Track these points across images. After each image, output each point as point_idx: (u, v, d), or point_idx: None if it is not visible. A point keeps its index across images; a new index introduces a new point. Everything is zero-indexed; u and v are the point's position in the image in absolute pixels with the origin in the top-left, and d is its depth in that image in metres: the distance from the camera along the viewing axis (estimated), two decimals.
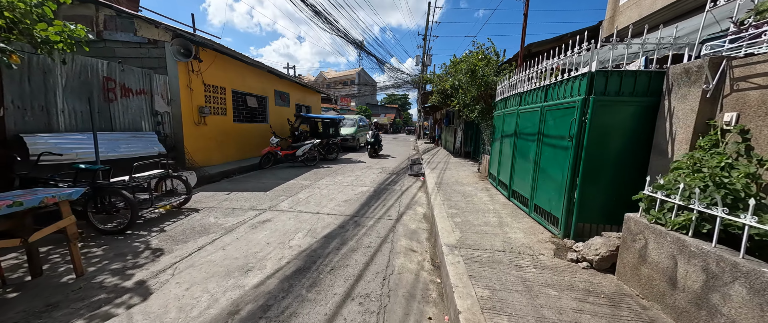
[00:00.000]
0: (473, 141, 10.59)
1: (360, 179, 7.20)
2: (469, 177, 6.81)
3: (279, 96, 11.26)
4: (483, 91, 6.65)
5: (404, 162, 10.49)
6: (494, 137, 5.98)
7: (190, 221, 4.00)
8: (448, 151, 13.23)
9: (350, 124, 14.51)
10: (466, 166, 8.70)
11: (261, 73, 9.90)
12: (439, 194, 5.19)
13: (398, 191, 6.10)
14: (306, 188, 6.01)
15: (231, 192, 5.57)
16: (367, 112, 35.79)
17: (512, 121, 4.74)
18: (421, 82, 23.56)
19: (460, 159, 10.29)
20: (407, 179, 7.49)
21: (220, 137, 8.01)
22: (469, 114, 7.12)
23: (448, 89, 7.55)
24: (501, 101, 5.69)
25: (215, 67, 7.72)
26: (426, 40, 23.38)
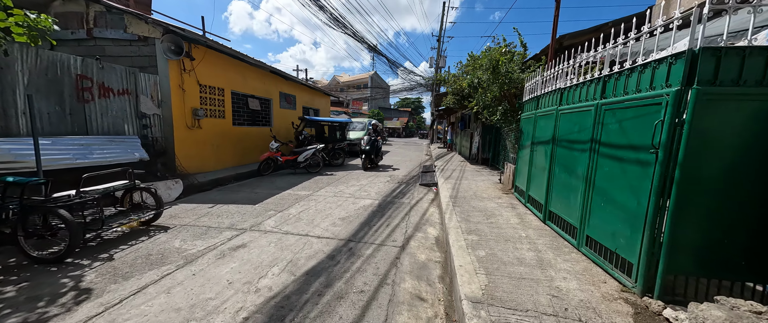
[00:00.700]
0: (492, 147, 9.53)
1: (364, 189, 6.35)
2: (489, 189, 5.82)
3: (284, 98, 10.65)
4: (507, 90, 5.67)
5: (415, 170, 9.57)
6: (522, 143, 4.98)
7: (151, 244, 3.27)
8: (464, 157, 12.19)
9: (359, 128, 13.75)
10: (484, 175, 7.68)
11: (264, 74, 9.30)
12: (454, 211, 4.25)
13: (406, 205, 5.20)
14: (301, 201, 5.22)
15: (215, 205, 4.86)
16: (379, 115, 35.07)
17: (548, 124, 3.77)
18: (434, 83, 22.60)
19: (477, 167, 9.26)
20: (418, 189, 6.58)
21: (218, 141, 7.39)
22: (489, 117, 6.14)
23: (465, 88, 6.58)
24: (531, 100, 4.71)
25: (212, 66, 7.13)
26: (440, 41, 22.44)
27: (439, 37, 22.37)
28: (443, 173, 7.98)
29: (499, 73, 5.56)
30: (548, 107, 3.87)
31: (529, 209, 4.30)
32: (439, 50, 22.45)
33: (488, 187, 6.08)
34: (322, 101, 14.30)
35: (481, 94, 5.88)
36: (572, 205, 3.04)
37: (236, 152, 8.09)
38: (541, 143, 4.03)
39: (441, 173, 7.98)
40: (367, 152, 8.42)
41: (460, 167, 9.23)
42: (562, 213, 3.26)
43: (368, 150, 8.43)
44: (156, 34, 5.86)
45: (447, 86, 9.58)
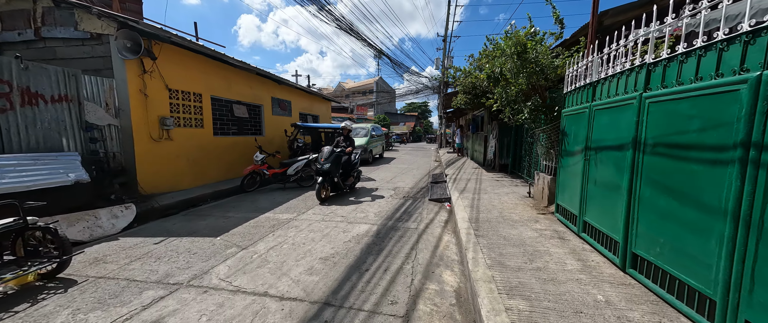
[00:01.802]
0: (511, 151, 8.18)
1: (362, 208, 5.12)
2: (518, 207, 4.51)
3: (278, 104, 9.61)
4: (536, 81, 4.39)
5: (423, 179, 8.29)
6: (566, 148, 3.68)
7: (23, 319, 2.12)
8: (477, 163, 10.84)
9: (362, 133, 12.59)
10: (506, 186, 6.35)
11: (253, 78, 8.28)
12: (479, 245, 2.99)
13: (413, 231, 3.95)
14: (279, 228, 4.04)
15: (167, 238, 3.73)
16: (385, 121, 33.97)
17: (620, 121, 2.48)
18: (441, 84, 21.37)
19: (494, 175, 7.92)
20: (427, 206, 5.32)
21: (195, 154, 6.33)
22: (514, 116, 4.85)
23: (482, 81, 5.30)
24: (580, 90, 3.42)
25: (186, 69, 6.11)
26: (446, 41, 21.26)
27: (444, 37, 21.20)
28: (456, 183, 6.69)
29: (527, 60, 4.29)
30: (619, 95, 2.59)
31: (588, 243, 2.98)
32: (445, 50, 21.26)
33: (516, 203, 4.77)
34: (321, 106, 13.26)
35: (503, 87, 4.60)
36: (697, 254, 1.74)
37: (220, 166, 7.02)
38: (605, 148, 2.74)
39: (454, 183, 6.70)
40: (325, 172, 5.27)
41: (475, 175, 7.91)
42: (671, 265, 1.95)
43: (328, 170, 5.24)
44: (110, 30, 4.86)
45: (457, 84, 8.33)
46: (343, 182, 5.75)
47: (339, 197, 5.95)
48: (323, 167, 5.28)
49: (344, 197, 6.02)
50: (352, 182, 5.98)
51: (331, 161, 5.30)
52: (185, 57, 6.07)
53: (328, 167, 5.28)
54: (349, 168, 5.85)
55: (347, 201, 5.63)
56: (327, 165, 5.28)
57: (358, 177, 6.38)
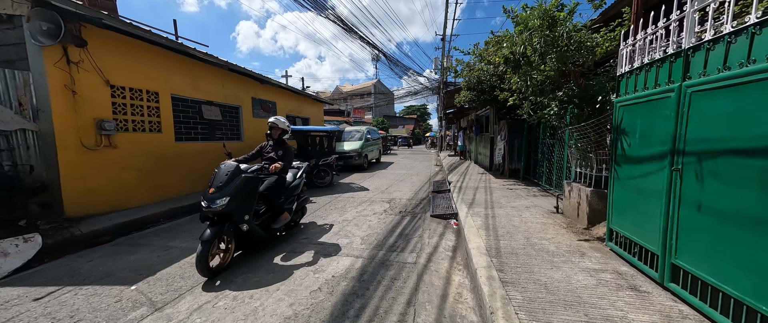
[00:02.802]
0: (523, 154, 7.08)
1: (346, 231, 4.00)
2: (548, 229, 3.39)
3: (259, 105, 8.52)
4: (573, 62, 3.28)
5: (424, 188, 7.17)
6: (625, 152, 2.57)
7: None
8: (483, 167, 9.74)
9: (356, 137, 11.50)
10: (523, 197, 5.23)
11: (228, 75, 7.19)
12: (512, 307, 1.87)
13: (411, 269, 2.83)
14: (220, 273, 2.91)
15: (63, 287, 2.61)
16: (383, 124, 32.92)
17: (757, 108, 1.37)
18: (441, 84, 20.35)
19: (505, 182, 6.81)
20: (428, 224, 4.20)
21: (150, 163, 5.23)
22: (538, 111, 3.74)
23: (498, 65, 4.17)
24: (647, 68, 2.32)
25: (136, 61, 5.02)
26: (445, 40, 20.27)
27: (443, 37, 20.21)
28: (463, 193, 5.57)
29: (558, 37, 3.19)
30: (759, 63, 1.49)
31: (686, 301, 1.86)
32: (443, 50, 20.26)
33: (543, 222, 3.65)
34: (312, 108, 12.18)
35: (525, 74, 3.50)
36: None
37: (184, 177, 5.91)
38: (727, 152, 1.63)
39: (459, 193, 5.57)
40: (219, 216, 2.72)
41: (483, 182, 6.80)
42: None
43: (225, 210, 2.64)
44: (21, 9, 3.78)
45: (459, 77, 7.24)
46: (271, 224, 3.24)
47: (321, 216, 4.83)
48: (213, 206, 2.60)
49: (328, 215, 4.90)
50: (285, 221, 3.33)
51: (231, 193, 2.62)
52: (135, 48, 4.99)
53: (225, 204, 2.59)
54: (278, 198, 3.31)
55: (329, 223, 4.50)
56: (221, 201, 2.59)
57: (304, 211, 4.06)
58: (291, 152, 3.51)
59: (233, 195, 2.68)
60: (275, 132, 3.53)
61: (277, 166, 3.11)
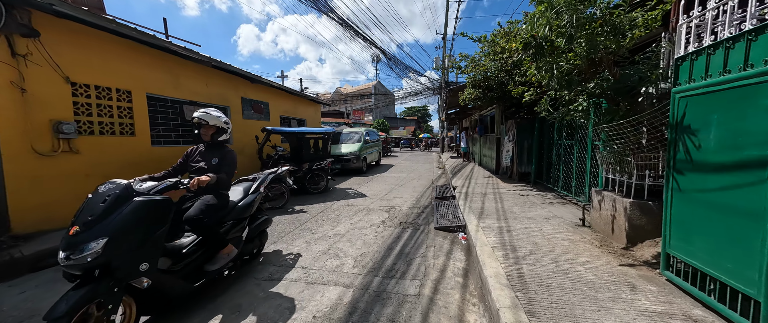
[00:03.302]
0: (535, 157, 6.47)
1: (337, 250, 3.40)
2: (578, 248, 2.78)
3: (249, 106, 7.96)
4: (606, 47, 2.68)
5: (426, 194, 6.57)
6: (690, 156, 1.96)
7: None
8: (488, 170, 9.14)
9: (354, 139, 10.93)
10: (538, 205, 4.62)
11: (213, 73, 6.64)
12: None
13: (413, 304, 2.24)
14: None
15: None
16: (384, 125, 32.36)
17: None
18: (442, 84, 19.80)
19: (514, 187, 6.19)
20: (433, 239, 3.60)
21: (121, 170, 4.66)
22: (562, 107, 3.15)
23: (516, 49, 3.55)
24: (726, 44, 1.71)
25: (102, 56, 4.46)
26: (445, 39, 19.72)
27: (444, 36, 19.67)
28: (470, 201, 4.96)
29: (586, 21, 2.59)
30: None
31: None
32: (444, 49, 19.71)
33: (570, 239, 3.04)
34: (308, 109, 11.61)
35: (548, 63, 2.90)
36: None
37: None
38: None
39: (466, 201, 4.97)
40: (84, 270, 1.65)
41: (491, 187, 6.19)
42: None
43: (94, 262, 1.59)
44: None
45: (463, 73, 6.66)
46: (205, 265, 2.37)
47: (311, 229, 4.23)
48: (75, 258, 1.60)
49: (319, 228, 4.30)
50: (229, 258, 2.47)
51: (111, 232, 1.67)
52: (102, 41, 4.43)
53: (98, 251, 1.61)
54: (215, 226, 2.41)
55: (318, 238, 3.90)
56: (90, 249, 1.60)
57: (263, 237, 3.17)
58: (232, 158, 2.63)
59: (115, 235, 1.65)
60: (205, 132, 2.56)
61: (202, 180, 2.18)
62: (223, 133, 2.66)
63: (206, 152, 2.64)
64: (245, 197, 2.95)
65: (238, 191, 2.97)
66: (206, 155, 2.62)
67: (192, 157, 2.65)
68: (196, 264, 2.32)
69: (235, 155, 2.70)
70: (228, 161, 2.59)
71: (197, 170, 2.56)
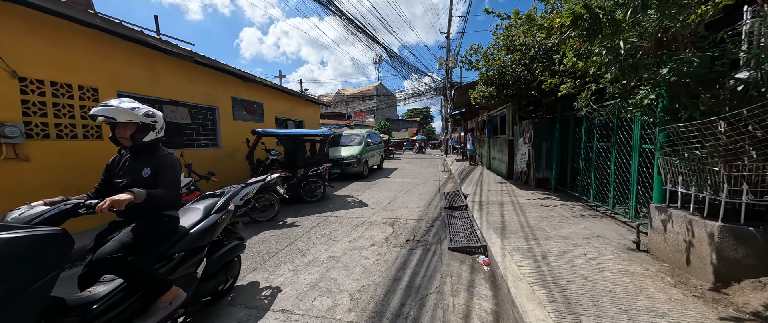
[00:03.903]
0: (555, 161, 5.75)
1: (329, 281, 2.72)
2: (644, 284, 2.06)
3: (241, 106, 7.32)
4: (682, 21, 1.98)
5: (433, 203, 5.87)
6: None
7: None
8: (499, 175, 8.42)
9: (355, 142, 10.26)
10: (569, 219, 3.90)
11: (198, 70, 6.01)
12: None
13: None
14: None
15: None
16: (386, 127, 31.70)
17: None
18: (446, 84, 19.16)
19: (533, 195, 5.47)
20: (448, 264, 2.90)
21: (84, 180, 4.01)
22: (619, 98, 2.44)
23: (558, 29, 2.85)
24: None
25: (61, 47, 3.84)
26: (449, 38, 19.07)
27: (447, 34, 19.02)
28: (486, 212, 4.25)
29: None
30: None
31: None
32: (448, 48, 19.06)
33: (631, 272, 2.32)
34: (307, 110, 10.97)
35: (611, 41, 2.19)
36: None
37: None
38: None
39: (482, 212, 4.25)
40: None
41: (507, 195, 5.48)
42: None
43: None
44: None
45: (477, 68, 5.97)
46: (134, 321, 1.67)
47: (301, 250, 3.54)
48: None
49: (311, 248, 3.62)
50: (175, 306, 1.78)
51: None
52: (60, 30, 3.81)
53: None
54: (149, 264, 1.77)
55: (308, 262, 3.22)
56: None
57: (232, 278, 2.48)
58: (171, 166, 1.91)
59: None
60: (122, 133, 1.80)
61: (117, 200, 1.50)
62: (150, 131, 1.92)
63: (133, 163, 1.90)
64: (205, 218, 2.26)
65: (195, 212, 2.29)
66: (133, 166, 1.89)
67: (115, 171, 1.92)
68: (120, 321, 1.62)
69: (175, 161, 1.97)
70: (166, 170, 1.88)
71: (123, 188, 1.81)
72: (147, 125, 1.89)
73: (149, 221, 1.82)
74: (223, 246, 2.42)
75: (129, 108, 1.81)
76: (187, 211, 2.34)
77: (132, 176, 1.85)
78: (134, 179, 1.84)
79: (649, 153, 3.13)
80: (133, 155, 1.93)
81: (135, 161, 1.90)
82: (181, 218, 2.19)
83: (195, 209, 2.36)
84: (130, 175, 1.86)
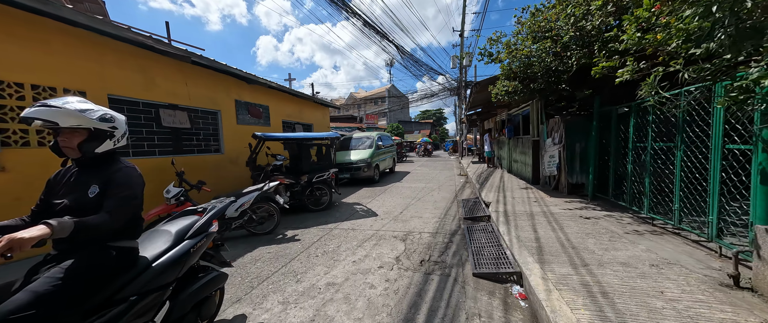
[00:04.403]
0: (593, 164, 4.96)
1: (322, 319, 2.15)
2: None
3: (245, 109, 6.97)
4: None
5: (450, 211, 5.23)
6: None
7: None
8: (523, 179, 7.63)
9: (365, 145, 9.74)
10: (620, 236, 3.16)
11: (197, 72, 5.68)
12: None
13: None
14: None
15: None
16: (398, 129, 31.11)
17: None
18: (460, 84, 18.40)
19: (568, 203, 4.71)
20: (473, 296, 2.26)
21: None
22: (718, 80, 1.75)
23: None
24: None
25: (42, 47, 3.54)
26: (463, 36, 18.31)
27: (461, 32, 18.27)
28: (515, 225, 3.56)
29: None
30: None
31: None
32: (462, 46, 18.29)
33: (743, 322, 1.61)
34: (315, 113, 10.57)
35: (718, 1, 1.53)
36: None
37: None
38: None
39: (509, 225, 3.57)
40: None
41: (536, 204, 4.75)
42: None
43: None
44: None
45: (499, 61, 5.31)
46: None
47: (297, 273, 3.02)
48: None
49: (309, 272, 3.09)
50: None
51: None
52: (40, 29, 3.51)
53: None
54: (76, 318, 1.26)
55: (302, 288, 2.69)
56: None
57: (212, 305, 1.97)
58: (127, 185, 1.44)
59: None
60: (67, 141, 1.39)
61: (21, 239, 1.07)
62: (106, 139, 1.47)
63: (79, 178, 1.47)
64: (175, 245, 1.77)
65: (163, 237, 1.81)
66: (79, 183, 1.45)
67: (56, 189, 1.48)
68: None
69: (132, 176, 1.50)
70: (116, 188, 1.41)
71: (61, 210, 1.38)
72: (102, 132, 1.45)
73: (89, 255, 1.36)
74: (196, 279, 1.91)
75: (77, 110, 1.37)
76: (153, 236, 1.85)
77: (75, 195, 1.41)
78: (77, 200, 1.39)
79: (739, 155, 2.38)
80: (81, 168, 1.48)
81: (82, 176, 1.46)
82: (144, 246, 1.72)
83: (164, 232, 1.87)
84: (72, 194, 1.41)
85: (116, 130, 1.53)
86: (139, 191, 1.53)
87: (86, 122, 1.39)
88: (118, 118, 1.59)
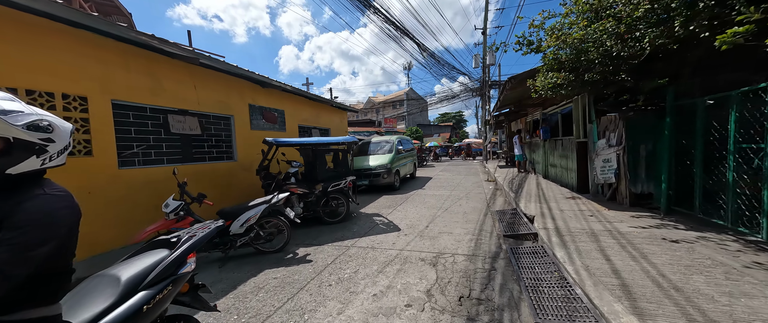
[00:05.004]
0: (666, 170, 3.98)
1: None
2: None
3: (260, 114, 6.60)
4: None
5: (484, 224, 4.43)
6: None
7: None
8: (566, 187, 6.64)
9: (385, 149, 9.12)
10: (747, 275, 2.25)
11: (208, 75, 5.35)
12: None
13: None
14: None
15: None
16: (417, 133, 30.28)
17: None
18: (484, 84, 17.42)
19: (635, 218, 3.77)
20: None
21: None
22: None
23: None
24: None
25: (41, 50, 3.27)
26: (486, 34, 17.32)
27: (483, 30, 17.29)
28: (575, 250, 2.73)
29: None
30: None
31: None
32: (485, 45, 17.29)
33: None
34: (333, 117, 10.13)
35: None
36: None
37: (132, 218, 3.98)
38: None
39: (567, 249, 2.75)
40: None
41: (595, 220, 3.84)
42: None
43: None
44: None
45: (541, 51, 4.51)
46: None
47: (304, 311, 2.42)
48: None
49: (318, 307, 2.48)
50: None
51: None
52: (36, 31, 3.24)
53: None
54: None
55: None
56: None
57: None
58: (37, 224, 0.91)
59: None
60: None
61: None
62: (31, 154, 0.98)
63: None
64: (121, 301, 1.24)
65: (106, 288, 1.30)
66: None
67: None
68: None
69: (50, 212, 0.97)
70: (13, 230, 0.88)
71: None
72: (26, 144, 0.96)
73: None
74: None
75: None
76: (93, 287, 1.33)
77: None
78: None
79: None
80: None
81: None
82: (75, 307, 1.20)
83: (110, 280, 1.34)
84: None
85: (51, 143, 1.01)
86: (53, 234, 0.97)
87: (3, 129, 0.89)
88: (60, 127, 1.05)
